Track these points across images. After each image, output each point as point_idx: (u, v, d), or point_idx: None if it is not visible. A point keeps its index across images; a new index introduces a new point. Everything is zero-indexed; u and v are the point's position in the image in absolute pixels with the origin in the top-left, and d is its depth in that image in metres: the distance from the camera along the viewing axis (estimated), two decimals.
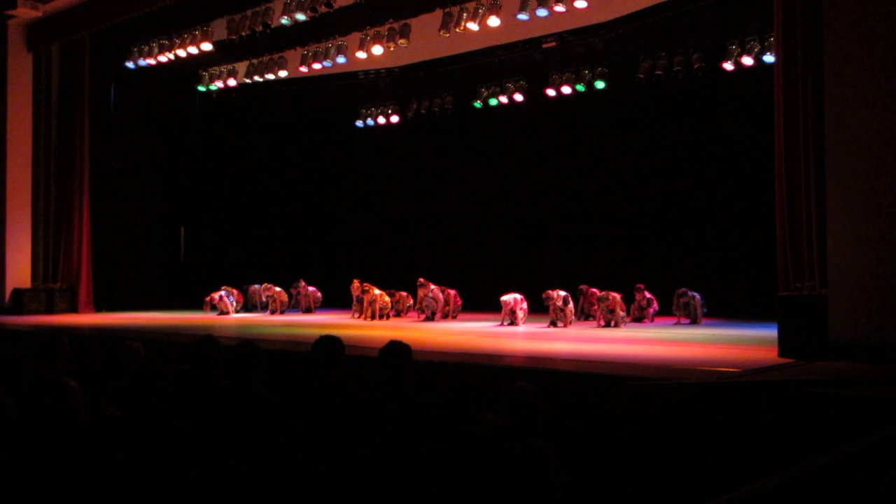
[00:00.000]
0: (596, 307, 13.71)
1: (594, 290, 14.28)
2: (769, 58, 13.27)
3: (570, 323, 13.19)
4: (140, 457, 4.41)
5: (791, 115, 8.82)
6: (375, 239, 20.62)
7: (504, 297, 13.75)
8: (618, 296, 13.26)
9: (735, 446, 5.88)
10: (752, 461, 5.74)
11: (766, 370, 7.59)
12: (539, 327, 13.17)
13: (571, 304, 13.38)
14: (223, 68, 18.24)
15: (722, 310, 14.42)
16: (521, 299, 13.80)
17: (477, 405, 4.31)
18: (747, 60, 14.14)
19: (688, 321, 13.65)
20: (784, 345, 8.44)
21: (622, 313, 13.25)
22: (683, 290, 13.76)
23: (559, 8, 13.26)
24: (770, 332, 9.25)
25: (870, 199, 7.75)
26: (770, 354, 8.54)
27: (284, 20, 14.82)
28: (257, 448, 4.69)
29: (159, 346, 10.08)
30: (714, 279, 15.03)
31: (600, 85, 16.05)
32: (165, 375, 4.98)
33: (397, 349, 5.07)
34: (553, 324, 13.21)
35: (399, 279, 16.85)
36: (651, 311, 14.26)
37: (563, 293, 13.19)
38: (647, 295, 14.29)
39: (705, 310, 13.76)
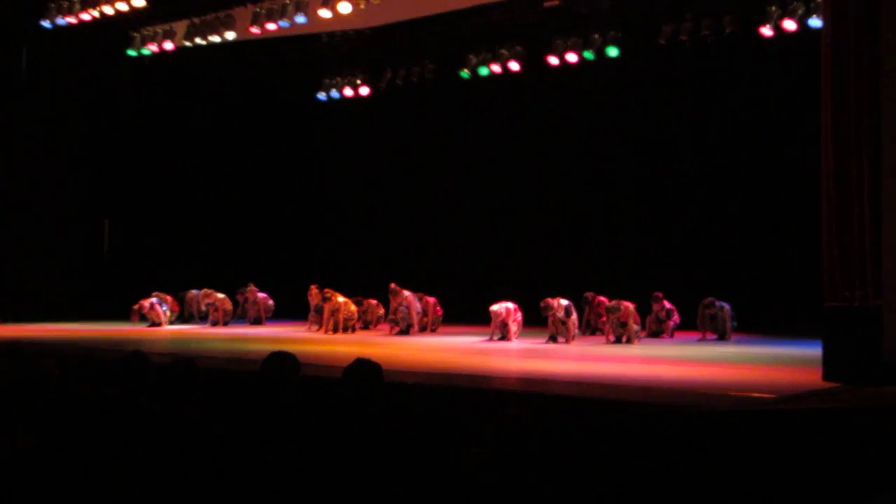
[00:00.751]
0: (605, 319, 13.75)
1: (602, 298, 14.33)
2: (816, 21, 13.32)
3: (574, 338, 13.21)
4: (55, 494, 4.39)
5: (841, 91, 8.85)
6: (340, 236, 20.60)
7: (494, 307, 13.76)
8: (631, 306, 13.30)
9: (770, 487, 5.89)
10: None
11: (808, 396, 7.61)
12: (536, 343, 13.18)
13: (575, 316, 13.42)
14: (158, 29, 18.11)
15: (756, 324, 14.49)
16: (515, 309, 13.82)
17: (460, 436, 4.30)
18: (789, 24, 14.19)
19: (715, 336, 13.70)
20: (830, 366, 8.48)
21: (636, 327, 13.29)
22: (710, 300, 13.82)
23: None
24: (813, 351, 9.30)
25: None
26: (813, 377, 8.58)
27: None
28: (192, 485, 4.67)
29: (77, 364, 10.01)
30: (747, 287, 15.10)
31: (613, 52, 16.07)
32: (84, 400, 4.96)
33: (365, 369, 5.05)
34: (553, 338, 13.22)
35: (368, 285, 16.83)
36: (671, 324, 14.31)
37: (564, 302, 13.22)
38: (667, 305, 14.33)
39: (735, 323, 13.82)
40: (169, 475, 4.73)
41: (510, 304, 13.82)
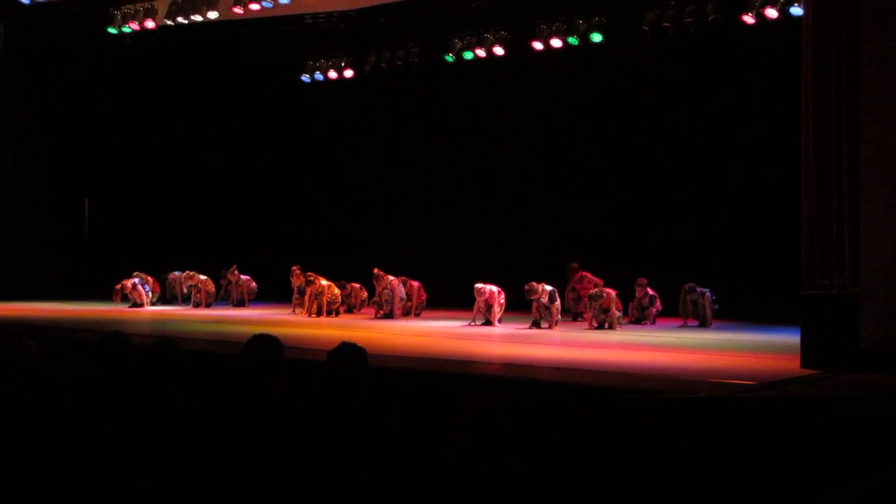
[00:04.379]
0: (585, 302, 13.82)
1: (587, 275, 14.46)
2: (797, 10, 13.35)
3: (557, 324, 13.25)
4: (29, 478, 4.36)
5: (821, 80, 8.89)
6: (322, 218, 20.54)
7: (479, 285, 13.78)
8: (613, 293, 13.35)
9: (749, 473, 5.94)
10: (770, 490, 5.80)
11: (787, 383, 7.68)
12: (518, 328, 13.21)
13: (559, 302, 13.45)
14: (139, 6, 17.96)
15: (736, 310, 14.55)
16: (499, 292, 13.84)
17: (443, 421, 4.32)
18: (771, 12, 14.22)
19: (696, 323, 13.76)
20: (808, 353, 8.54)
21: (618, 313, 13.34)
22: (691, 285, 13.87)
23: None
24: (792, 338, 9.37)
25: None
26: (792, 364, 8.65)
27: None
28: (172, 469, 4.66)
29: (56, 344, 9.98)
30: (728, 274, 15.15)
31: (597, 38, 16.06)
32: (62, 380, 4.92)
33: (350, 353, 5.05)
34: (536, 324, 13.27)
35: (352, 268, 16.82)
36: (653, 310, 14.37)
37: (549, 287, 13.25)
38: (650, 292, 14.39)
39: (717, 307, 13.89)
40: (149, 457, 4.71)
41: (494, 288, 13.84)
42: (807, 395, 7.04)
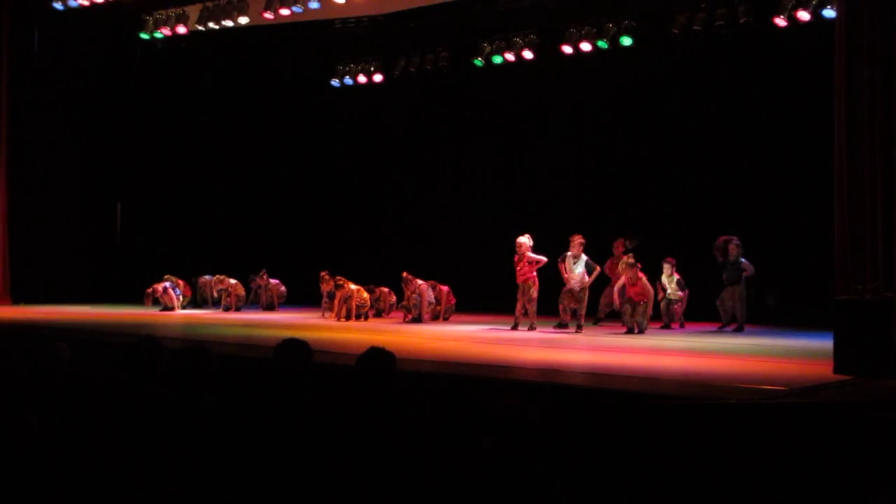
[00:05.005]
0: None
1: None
2: (829, 12, 13.26)
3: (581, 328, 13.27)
4: (63, 478, 4.40)
5: (854, 83, 8.79)
6: (353, 223, 20.58)
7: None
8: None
9: (781, 480, 5.89)
10: (803, 498, 5.75)
11: (820, 389, 7.61)
12: (546, 332, 13.22)
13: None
14: (171, 12, 18.10)
15: (767, 316, 14.43)
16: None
17: (474, 425, 4.31)
18: (804, 15, 14.12)
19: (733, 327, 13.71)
20: (841, 359, 8.45)
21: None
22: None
23: None
24: (825, 344, 9.28)
25: None
26: (824, 370, 8.56)
27: None
28: (204, 472, 4.68)
29: (89, 347, 10.05)
30: (759, 278, 15.04)
31: (626, 41, 16.01)
32: (95, 383, 4.97)
33: (379, 357, 5.06)
34: (562, 325, 13.33)
35: (381, 273, 16.83)
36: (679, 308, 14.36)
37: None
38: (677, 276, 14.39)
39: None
40: (179, 460, 4.74)
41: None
42: (840, 400, 6.97)
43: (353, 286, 15.55)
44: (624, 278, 13.37)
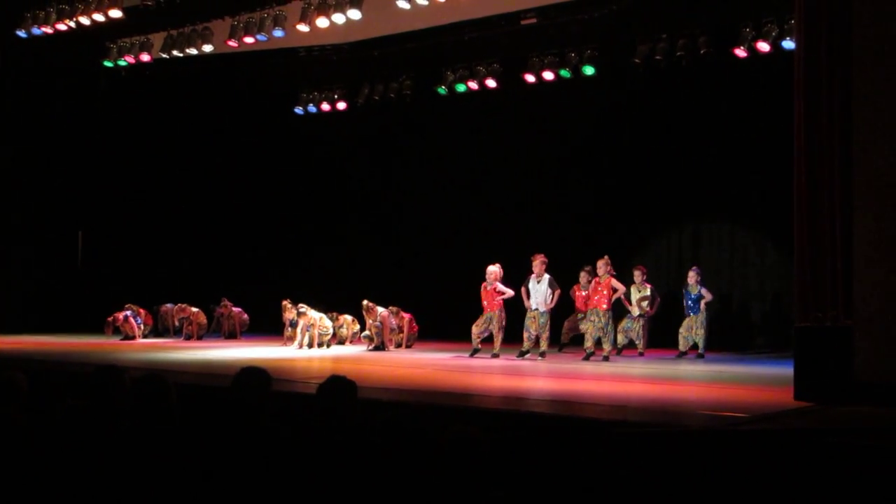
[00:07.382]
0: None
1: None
2: (789, 43, 13.45)
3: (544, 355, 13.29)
4: None
5: (814, 114, 8.89)
6: (316, 251, 20.52)
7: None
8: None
9: None
10: None
11: (780, 416, 7.64)
12: (509, 360, 13.21)
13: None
14: (135, 40, 18.02)
15: (728, 343, 14.52)
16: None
17: (432, 454, 4.27)
18: (763, 46, 14.32)
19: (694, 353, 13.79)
20: (801, 385, 8.50)
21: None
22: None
23: None
24: (786, 370, 9.34)
25: None
26: (785, 397, 8.61)
27: None
28: (161, 499, 4.62)
29: (48, 376, 9.91)
30: (718, 305, 15.15)
31: (589, 71, 16.16)
32: (54, 413, 4.89)
33: (340, 386, 5.02)
34: (522, 354, 13.44)
35: (343, 300, 16.78)
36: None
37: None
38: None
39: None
40: (140, 488, 4.68)
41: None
42: (801, 427, 7.01)
43: (315, 314, 15.49)
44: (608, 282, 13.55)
